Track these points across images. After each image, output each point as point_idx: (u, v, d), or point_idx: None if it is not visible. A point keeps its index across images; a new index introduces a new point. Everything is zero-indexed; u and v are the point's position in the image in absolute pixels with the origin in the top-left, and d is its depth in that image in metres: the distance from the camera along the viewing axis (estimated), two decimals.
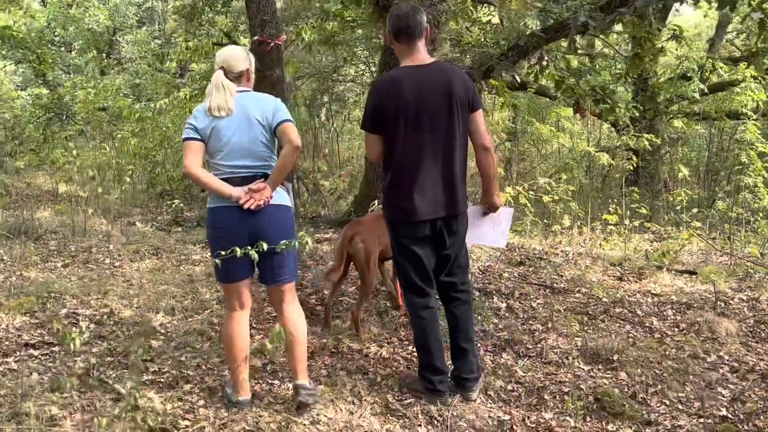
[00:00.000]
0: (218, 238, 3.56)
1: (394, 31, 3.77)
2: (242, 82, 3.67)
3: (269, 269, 3.62)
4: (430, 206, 3.72)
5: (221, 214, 3.56)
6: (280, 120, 3.57)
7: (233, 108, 3.53)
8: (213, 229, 3.62)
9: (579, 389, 4.07)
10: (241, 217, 3.51)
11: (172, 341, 4.42)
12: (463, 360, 3.94)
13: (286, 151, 3.55)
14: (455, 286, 3.94)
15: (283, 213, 3.64)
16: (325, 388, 3.91)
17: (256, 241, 3.43)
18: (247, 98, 3.61)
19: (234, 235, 3.51)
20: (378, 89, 3.77)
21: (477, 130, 3.85)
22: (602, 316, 5.41)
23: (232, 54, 3.69)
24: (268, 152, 3.62)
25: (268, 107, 3.59)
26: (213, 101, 3.52)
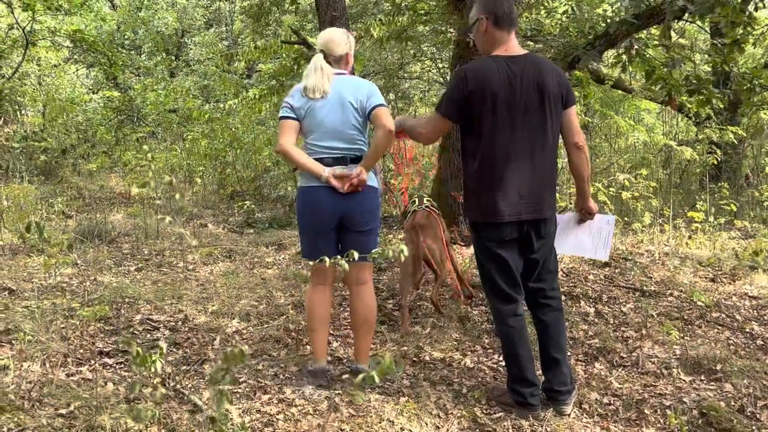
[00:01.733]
0: (307, 217, 3.76)
1: (498, 16, 3.50)
2: (341, 66, 3.79)
3: (350, 246, 3.64)
4: (515, 207, 3.47)
5: (311, 194, 3.71)
6: (373, 105, 3.66)
7: (329, 90, 3.66)
8: (303, 208, 3.78)
9: (682, 402, 3.76)
10: (330, 197, 3.67)
11: (249, 349, 4.27)
12: (554, 371, 3.66)
13: (380, 135, 3.64)
14: (544, 291, 3.68)
15: (370, 195, 3.76)
16: (408, 400, 3.70)
17: (344, 220, 3.71)
18: (343, 82, 3.70)
19: (322, 215, 3.71)
20: (466, 77, 3.48)
21: (570, 127, 3.58)
22: (698, 321, 5.07)
23: (332, 38, 3.79)
24: (359, 135, 3.73)
25: (362, 91, 3.68)
26: (310, 82, 3.67)
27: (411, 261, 4.74)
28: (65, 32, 11.89)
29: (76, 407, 3.37)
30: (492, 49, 3.55)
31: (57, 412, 3.34)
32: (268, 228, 7.89)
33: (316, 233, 3.77)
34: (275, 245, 6.96)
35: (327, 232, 3.75)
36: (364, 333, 3.90)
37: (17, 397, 3.41)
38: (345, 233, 3.77)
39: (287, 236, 7.37)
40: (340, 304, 5.08)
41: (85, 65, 17.23)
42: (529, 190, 3.48)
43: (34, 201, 7.58)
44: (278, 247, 6.89)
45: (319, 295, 3.86)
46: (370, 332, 3.93)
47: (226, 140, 9.85)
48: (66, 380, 3.65)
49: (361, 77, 4.32)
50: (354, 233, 3.75)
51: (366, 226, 3.76)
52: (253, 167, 9.36)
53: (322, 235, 3.75)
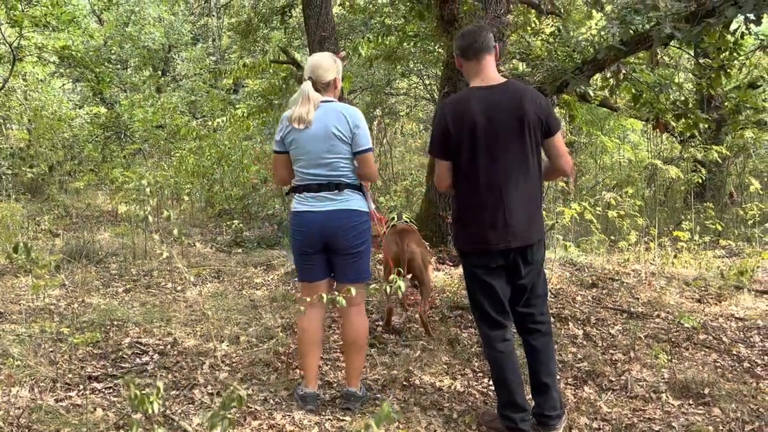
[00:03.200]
0: (298, 240, 3.85)
1: (461, 50, 3.61)
2: (328, 92, 3.82)
3: (340, 270, 3.86)
4: (503, 236, 3.49)
5: (298, 218, 3.82)
6: (359, 148, 3.76)
7: (312, 120, 3.70)
8: (294, 231, 3.88)
9: (671, 427, 3.79)
10: (315, 220, 3.76)
11: (238, 372, 4.26)
12: (545, 396, 3.66)
13: (362, 178, 3.88)
14: (533, 316, 3.69)
15: (357, 218, 3.80)
16: (399, 426, 3.69)
17: (331, 244, 3.78)
18: (329, 109, 3.74)
19: (309, 238, 3.79)
20: (445, 112, 3.57)
21: (558, 154, 3.60)
22: (686, 343, 5.10)
23: (320, 64, 3.82)
24: (344, 162, 3.77)
25: (347, 124, 3.72)
26: (296, 113, 3.72)
27: (394, 264, 4.76)
28: (53, 48, 11.87)
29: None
30: (470, 80, 3.62)
31: None
32: (257, 247, 7.86)
33: (305, 255, 3.85)
34: (264, 265, 6.93)
35: (315, 254, 3.83)
36: (354, 355, 3.92)
37: (6, 424, 3.38)
38: (334, 256, 3.83)
39: (276, 256, 7.35)
40: (329, 326, 5.07)
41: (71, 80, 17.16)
42: (515, 218, 3.50)
43: (20, 220, 7.52)
44: (267, 268, 6.87)
45: (308, 318, 3.88)
46: (361, 354, 3.96)
47: (214, 157, 9.83)
48: (55, 406, 3.63)
49: (348, 94, 4.39)
50: (342, 256, 3.81)
51: (354, 249, 3.80)
52: (240, 185, 9.35)
53: (310, 257, 3.84)
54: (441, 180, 3.67)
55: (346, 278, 3.83)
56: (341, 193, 3.77)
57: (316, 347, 3.92)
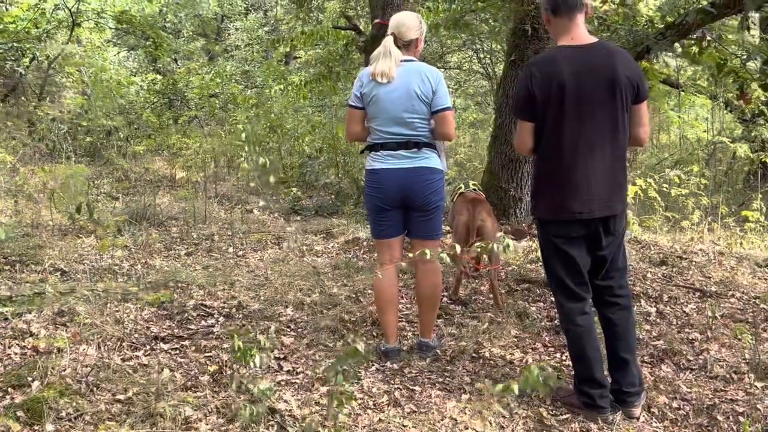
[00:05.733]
0: (374, 197, 3.88)
1: (552, 5, 3.38)
2: (410, 51, 3.83)
3: (416, 226, 3.91)
4: (586, 204, 3.32)
5: (376, 175, 3.84)
6: (439, 107, 3.75)
7: (395, 76, 3.70)
8: (368, 189, 3.92)
9: (755, 409, 3.59)
10: (394, 177, 3.78)
11: (304, 338, 4.18)
12: (623, 372, 3.51)
13: (440, 136, 3.86)
14: (612, 289, 3.52)
15: (434, 175, 3.84)
16: (471, 398, 3.57)
17: (408, 201, 3.82)
18: (410, 69, 3.74)
19: (386, 194, 3.82)
20: (532, 71, 3.36)
21: (640, 123, 3.43)
22: (764, 324, 4.87)
23: (404, 21, 3.85)
24: (422, 123, 3.78)
25: (429, 84, 3.72)
26: (378, 67, 3.72)
27: (464, 230, 4.79)
28: (111, 13, 11.90)
29: (134, 393, 3.30)
30: (558, 39, 3.42)
31: (114, 398, 3.27)
32: (315, 215, 7.80)
33: (381, 212, 3.89)
34: (323, 233, 6.84)
35: (391, 211, 3.87)
36: (428, 309, 4.03)
37: (74, 381, 3.35)
38: (410, 213, 3.89)
39: (335, 224, 7.27)
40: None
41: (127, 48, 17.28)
42: (600, 185, 3.33)
43: (84, 182, 7.56)
44: (327, 235, 6.78)
45: (387, 276, 3.93)
46: (434, 309, 4.07)
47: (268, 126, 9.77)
48: (122, 365, 3.59)
49: None
50: (418, 213, 3.86)
51: (430, 206, 3.85)
52: (297, 154, 9.28)
53: (386, 213, 3.88)
54: (523, 143, 3.50)
55: (422, 234, 3.91)
56: (420, 151, 3.80)
57: (392, 305, 3.98)
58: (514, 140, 3.62)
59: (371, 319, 4.48)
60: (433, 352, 4.06)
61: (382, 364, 3.92)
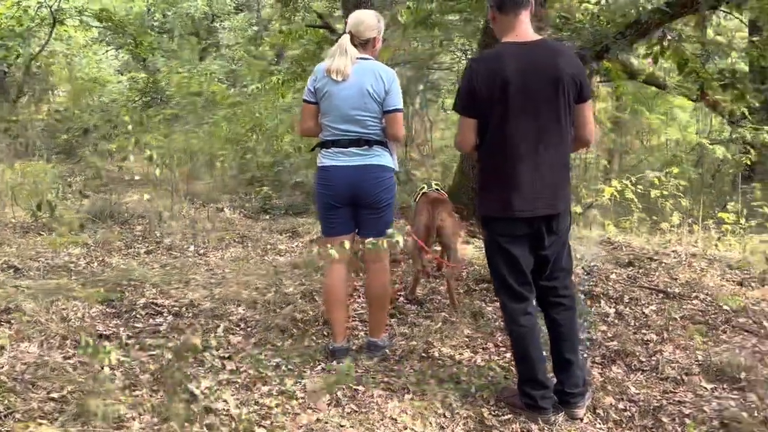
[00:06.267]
0: (324, 195, 3.87)
1: (498, 1, 3.34)
2: (367, 50, 3.82)
3: (366, 224, 3.90)
4: (529, 202, 3.29)
5: (328, 173, 3.83)
6: (390, 107, 3.76)
7: (349, 74, 3.70)
8: (318, 186, 3.90)
9: (702, 411, 3.55)
10: (346, 175, 3.78)
11: (252, 338, 4.15)
12: (567, 373, 3.48)
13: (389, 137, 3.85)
14: (557, 290, 3.50)
15: (385, 173, 3.84)
16: (413, 397, 3.54)
17: (359, 199, 3.82)
18: (365, 67, 3.74)
19: (338, 192, 3.82)
20: (475, 68, 3.33)
21: (584, 123, 3.39)
22: (724, 326, 4.83)
23: (362, 20, 3.82)
24: (374, 121, 3.78)
25: (382, 84, 3.72)
26: (333, 64, 3.72)
27: (424, 230, 4.77)
28: (92, 11, 11.86)
29: (69, 392, 3.27)
30: (503, 36, 3.38)
31: (49, 396, 3.24)
32: (284, 215, 7.76)
33: (330, 210, 3.89)
34: (289, 232, 6.81)
35: (340, 208, 3.86)
36: (377, 308, 4.02)
37: (10, 379, 3.32)
38: (360, 211, 3.88)
39: (302, 223, 7.22)
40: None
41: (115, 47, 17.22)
42: (543, 183, 3.31)
43: (50, 180, 7.52)
44: (292, 235, 6.75)
45: (336, 275, 3.94)
46: (384, 308, 4.06)
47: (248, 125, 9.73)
48: (62, 363, 3.55)
49: (390, 65, 4.32)
50: (368, 210, 3.85)
51: (380, 203, 3.85)
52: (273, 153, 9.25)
53: (336, 211, 3.87)
54: (465, 140, 3.46)
55: (371, 233, 3.83)
56: (371, 149, 3.80)
57: (341, 303, 3.98)
58: (456, 137, 3.59)
59: (324, 318, 4.44)
60: (382, 351, 4.03)
61: (328, 363, 3.89)
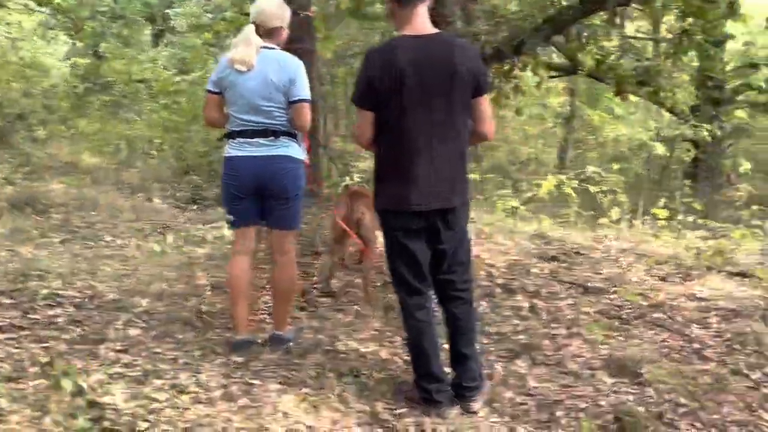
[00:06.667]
0: (230, 185, 3.84)
1: None
2: (272, 39, 3.80)
3: (273, 215, 3.88)
4: (425, 196, 3.29)
5: (234, 163, 3.80)
6: (295, 97, 3.75)
7: (254, 64, 3.67)
8: (225, 177, 3.86)
9: (598, 405, 3.57)
10: (250, 165, 3.75)
11: (153, 330, 4.08)
12: (464, 366, 3.48)
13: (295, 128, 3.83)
14: (455, 284, 3.49)
15: (292, 164, 3.83)
16: (310, 391, 3.51)
17: (265, 190, 3.79)
18: (270, 57, 3.73)
19: (244, 183, 3.79)
20: (371, 59, 3.32)
21: (482, 117, 3.39)
22: (637, 321, 4.87)
23: (264, 9, 3.78)
24: (280, 111, 3.76)
25: (286, 75, 3.71)
26: (237, 54, 3.68)
27: (342, 221, 4.76)
28: None
29: None
30: (401, 29, 3.36)
31: None
32: (213, 205, 7.67)
33: (236, 201, 3.86)
34: (213, 222, 6.73)
35: (247, 199, 3.84)
36: (283, 301, 4.00)
37: None
38: (267, 202, 3.86)
39: None
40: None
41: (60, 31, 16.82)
42: (439, 177, 3.30)
43: None
44: (216, 225, 6.67)
45: (240, 266, 3.92)
46: (289, 301, 4.06)
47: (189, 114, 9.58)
48: None
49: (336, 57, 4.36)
50: (275, 201, 3.84)
51: (287, 194, 3.84)
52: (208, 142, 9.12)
53: (242, 202, 3.85)
54: (362, 133, 3.43)
55: (278, 224, 3.90)
56: (278, 140, 3.79)
57: (244, 294, 3.94)
58: (354, 130, 3.57)
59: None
60: (286, 345, 3.98)
61: (228, 357, 3.83)
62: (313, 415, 3.32)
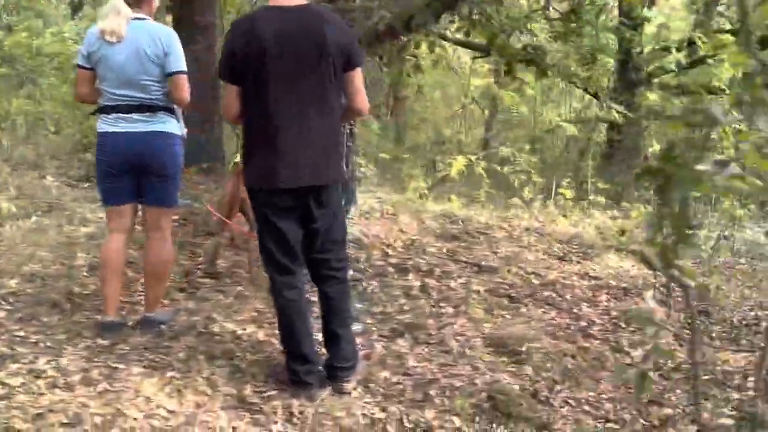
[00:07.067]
0: (103, 162, 3.69)
1: None
2: (141, 9, 3.66)
3: (148, 192, 3.75)
4: (293, 173, 3.18)
5: (108, 139, 3.64)
6: (171, 70, 3.62)
7: (124, 35, 3.53)
8: (100, 153, 3.71)
9: (473, 384, 3.55)
10: (127, 142, 3.61)
11: (18, 312, 3.88)
12: (337, 347, 3.42)
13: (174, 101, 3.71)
14: (329, 263, 3.41)
15: (169, 140, 3.71)
16: (176, 375, 3.38)
17: (141, 167, 3.66)
18: (141, 28, 3.59)
19: (119, 160, 3.65)
20: (233, 33, 3.22)
21: (355, 92, 3.31)
22: (527, 300, 4.90)
23: None
24: (156, 85, 3.64)
25: (160, 45, 3.58)
26: (106, 25, 3.52)
27: (228, 199, 4.64)
28: None
29: None
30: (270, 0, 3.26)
31: None
32: None
33: (110, 178, 3.73)
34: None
35: (122, 177, 3.70)
36: (154, 281, 3.86)
37: None
38: (143, 179, 3.72)
39: None
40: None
41: None
42: (308, 154, 3.20)
43: None
44: None
45: (113, 245, 3.79)
46: (162, 281, 3.90)
47: None
48: None
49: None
50: (151, 178, 3.71)
51: (164, 171, 3.72)
52: None
53: (116, 179, 3.71)
54: (228, 107, 3.33)
55: (154, 202, 3.78)
56: (154, 115, 3.66)
57: (116, 274, 3.78)
58: (222, 105, 3.45)
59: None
60: (158, 327, 3.84)
61: (94, 341, 3.67)
62: (176, 399, 3.20)
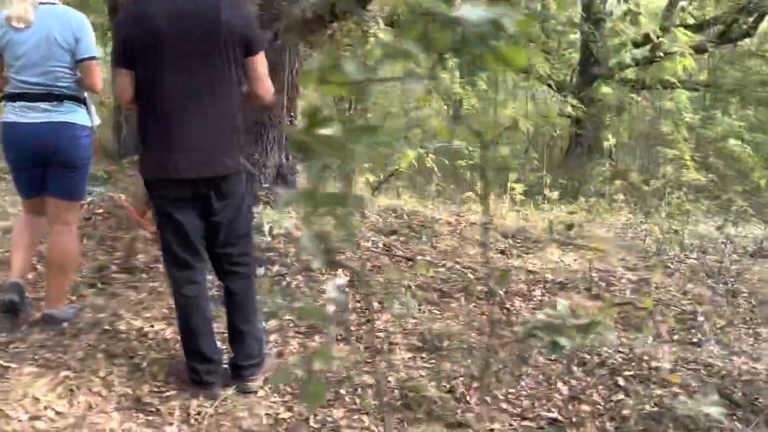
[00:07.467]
0: (10, 153, 3.61)
1: None
2: None
3: (53, 184, 3.62)
4: (189, 163, 3.03)
5: (15, 129, 3.53)
6: (82, 56, 3.53)
7: (32, 20, 3.43)
8: (7, 144, 3.62)
9: (387, 381, 3.42)
10: (34, 132, 3.50)
11: None
12: (241, 344, 3.28)
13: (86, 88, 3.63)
14: (231, 257, 3.26)
15: (78, 131, 3.60)
16: (70, 374, 3.22)
17: (48, 159, 3.55)
18: (49, 13, 3.49)
19: (26, 152, 3.55)
20: (126, 15, 3.09)
21: (256, 78, 3.16)
22: (459, 294, 4.78)
23: None
24: (65, 73, 3.53)
25: (70, 32, 3.49)
26: (13, 11, 3.43)
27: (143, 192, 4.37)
28: None
29: None
30: None
31: None
32: None
33: (20, 170, 3.65)
34: None
35: (30, 169, 3.62)
36: (57, 276, 3.70)
37: None
38: (50, 170, 3.61)
39: None
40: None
41: None
42: (205, 144, 3.05)
43: None
44: None
45: (23, 223, 3.76)
46: (65, 275, 3.74)
47: None
48: None
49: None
50: (57, 169, 3.60)
51: (72, 163, 3.62)
52: None
53: (27, 172, 3.63)
54: (121, 92, 3.15)
55: (58, 194, 3.65)
56: (62, 104, 3.54)
57: (27, 247, 3.74)
58: (114, 90, 3.29)
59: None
60: (60, 324, 3.66)
61: None
62: (67, 399, 3.06)
